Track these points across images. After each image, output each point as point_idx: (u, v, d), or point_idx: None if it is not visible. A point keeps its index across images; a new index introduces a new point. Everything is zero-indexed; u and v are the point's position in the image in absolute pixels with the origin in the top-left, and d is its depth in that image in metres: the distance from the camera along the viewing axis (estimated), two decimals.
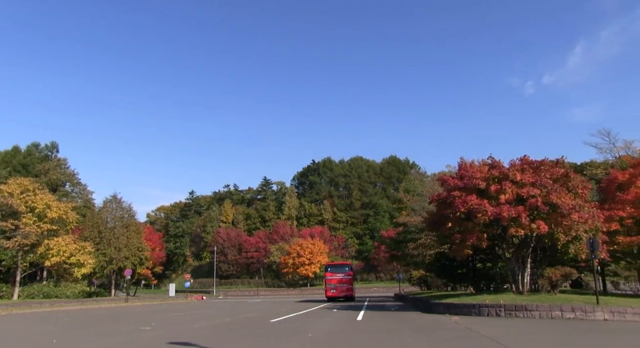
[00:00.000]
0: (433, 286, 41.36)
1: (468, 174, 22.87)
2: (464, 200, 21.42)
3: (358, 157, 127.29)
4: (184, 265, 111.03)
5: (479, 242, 21.62)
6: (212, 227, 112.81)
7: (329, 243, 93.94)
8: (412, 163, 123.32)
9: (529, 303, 18.48)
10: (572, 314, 17.41)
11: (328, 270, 42.54)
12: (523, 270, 23.01)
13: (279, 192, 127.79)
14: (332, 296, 40.18)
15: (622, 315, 17.08)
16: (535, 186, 21.01)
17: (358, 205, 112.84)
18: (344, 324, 17.86)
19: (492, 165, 23.52)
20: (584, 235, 20.81)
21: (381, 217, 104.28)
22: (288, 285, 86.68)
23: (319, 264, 78.81)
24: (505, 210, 20.44)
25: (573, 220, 20.24)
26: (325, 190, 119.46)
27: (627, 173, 25.89)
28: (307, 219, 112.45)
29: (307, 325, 17.46)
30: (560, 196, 20.57)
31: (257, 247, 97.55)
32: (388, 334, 14.27)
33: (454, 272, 32.04)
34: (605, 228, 22.48)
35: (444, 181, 24.74)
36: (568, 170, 22.72)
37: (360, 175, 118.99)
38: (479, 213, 20.90)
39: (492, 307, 19.06)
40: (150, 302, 47.92)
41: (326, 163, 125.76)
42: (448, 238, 25.24)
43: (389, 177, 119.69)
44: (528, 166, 22.44)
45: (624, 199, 24.43)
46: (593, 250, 18.85)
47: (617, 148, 43.23)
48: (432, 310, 22.57)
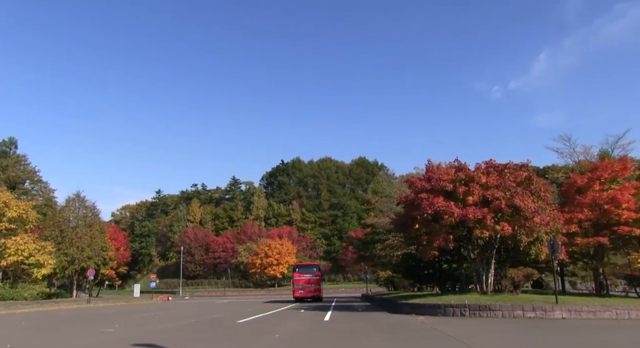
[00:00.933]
0: (400, 286, 41.81)
1: (435, 176, 23.26)
2: (431, 202, 21.77)
3: (327, 158, 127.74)
4: (150, 266, 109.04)
5: (446, 243, 22.00)
6: (179, 226, 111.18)
7: (297, 243, 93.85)
8: (380, 165, 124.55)
9: (492, 303, 18.95)
10: (533, 313, 17.97)
11: (296, 271, 42.52)
12: (487, 271, 23.55)
13: (248, 192, 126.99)
14: (299, 296, 40.17)
15: (579, 313, 17.86)
16: (500, 189, 21.54)
17: (327, 205, 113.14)
18: (311, 325, 17.88)
19: (458, 167, 23.99)
20: (545, 236, 21.45)
21: (349, 218, 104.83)
22: (255, 286, 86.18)
23: (287, 265, 78.62)
24: (471, 212, 20.87)
25: (535, 222, 20.83)
26: (294, 190, 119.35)
27: (586, 177, 26.76)
28: (276, 219, 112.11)
29: (275, 325, 17.41)
30: (524, 199, 21.15)
31: (224, 247, 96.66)
32: (355, 334, 14.37)
33: (421, 272, 32.46)
34: (565, 230, 23.24)
35: (412, 183, 25.06)
36: (531, 174, 23.41)
37: (329, 176, 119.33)
38: (445, 215, 21.28)
39: (457, 307, 19.43)
40: (114, 303, 46.85)
41: (295, 163, 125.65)
42: (415, 240, 25.59)
43: (357, 178, 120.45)
44: (493, 169, 23.00)
45: (582, 202, 25.26)
46: (553, 251, 19.48)
47: (576, 153, 44.65)
48: (399, 310, 22.82)
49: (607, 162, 28.83)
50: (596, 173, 26.42)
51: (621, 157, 32.65)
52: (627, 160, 28.86)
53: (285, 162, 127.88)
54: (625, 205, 23.80)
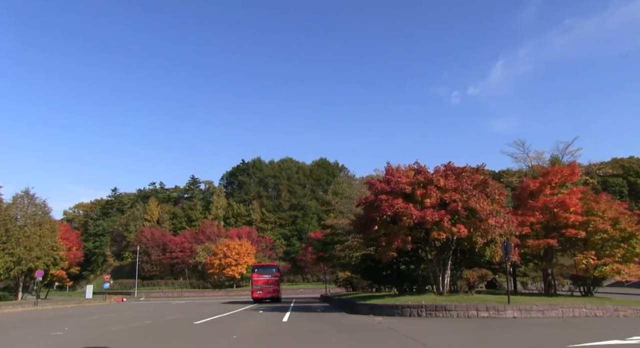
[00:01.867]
0: (358, 287, 42.15)
1: (395, 178, 23.60)
2: (391, 203, 22.08)
3: (288, 159, 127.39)
4: (104, 266, 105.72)
5: (404, 245, 22.35)
6: (135, 225, 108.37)
7: (257, 244, 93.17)
8: (341, 166, 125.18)
9: (448, 303, 19.40)
10: (487, 313, 18.54)
11: (255, 271, 42.25)
12: (444, 272, 24.08)
13: (207, 191, 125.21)
14: (258, 297, 39.94)
15: (528, 312, 18.63)
16: (457, 191, 22.07)
17: (287, 206, 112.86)
18: (269, 325, 17.83)
19: (417, 170, 24.43)
20: (499, 238, 22.12)
21: (309, 219, 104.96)
22: (214, 286, 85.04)
23: (246, 265, 77.92)
24: (429, 214, 21.29)
25: (490, 225, 21.47)
26: (254, 190, 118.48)
27: (538, 181, 27.72)
28: (235, 219, 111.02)
29: (232, 326, 17.26)
30: (479, 201, 21.76)
31: (182, 247, 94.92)
32: (313, 335, 14.43)
33: (379, 273, 32.82)
34: (517, 232, 24.02)
35: (372, 185, 25.34)
36: (487, 177, 24.13)
37: (289, 177, 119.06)
38: (404, 217, 21.62)
39: (414, 307, 19.79)
40: (64, 305, 45.18)
41: (256, 163, 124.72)
42: (374, 241, 25.86)
43: (318, 179, 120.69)
44: (451, 172, 23.53)
45: (534, 206, 26.16)
46: (507, 253, 20.13)
47: (530, 158, 46.40)
48: (357, 311, 23.01)
49: (558, 167, 29.97)
50: (547, 178, 27.41)
51: (570, 163, 34.06)
52: (575, 166, 30.15)
53: (246, 161, 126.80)
54: (573, 208, 24.80)
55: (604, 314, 19.44)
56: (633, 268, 25.10)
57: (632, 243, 24.27)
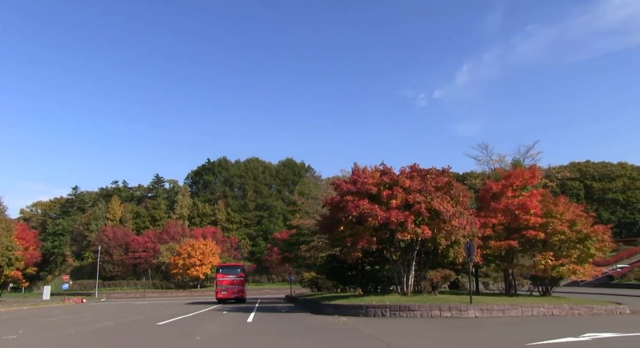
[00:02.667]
0: (323, 288, 42.22)
1: (361, 179, 23.72)
2: (356, 204, 22.18)
3: (254, 158, 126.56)
4: (63, 266, 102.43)
5: (369, 246, 22.47)
6: (97, 225, 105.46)
7: (222, 244, 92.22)
8: (307, 166, 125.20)
9: (412, 303, 19.65)
10: (449, 313, 18.86)
11: (219, 272, 41.88)
12: (408, 272, 24.35)
13: (172, 190, 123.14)
14: (222, 298, 39.59)
15: (489, 312, 19.11)
16: (422, 193, 22.35)
17: (252, 206, 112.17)
18: (234, 326, 17.66)
19: (383, 171, 24.63)
20: (462, 240, 22.53)
21: (275, 219, 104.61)
22: (177, 287, 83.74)
23: (211, 265, 77.06)
24: (394, 215, 21.49)
25: (453, 226, 21.84)
26: (220, 190, 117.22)
27: (500, 184, 28.41)
28: (200, 219, 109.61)
29: (196, 327, 16.99)
30: (443, 203, 22.10)
31: (145, 247, 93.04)
32: (278, 335, 14.37)
33: (344, 274, 32.92)
34: (480, 234, 24.51)
35: (338, 185, 25.42)
36: (451, 179, 24.55)
37: (255, 177, 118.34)
38: (370, 218, 21.75)
39: (378, 307, 19.93)
40: (19, 307, 43.47)
41: (222, 163, 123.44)
42: (340, 241, 25.93)
43: (284, 179, 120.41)
44: (417, 174, 23.81)
45: (496, 208, 26.79)
46: (469, 254, 20.54)
47: (493, 161, 47.49)
48: (322, 311, 23.00)
49: (519, 170, 30.79)
50: (509, 180, 28.12)
51: (531, 166, 35.08)
52: (536, 169, 31.06)
53: (212, 161, 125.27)
54: (533, 210, 25.53)
55: (560, 313, 20.07)
56: (588, 268, 26.07)
57: (587, 244, 25.16)
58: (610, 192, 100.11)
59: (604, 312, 21.02)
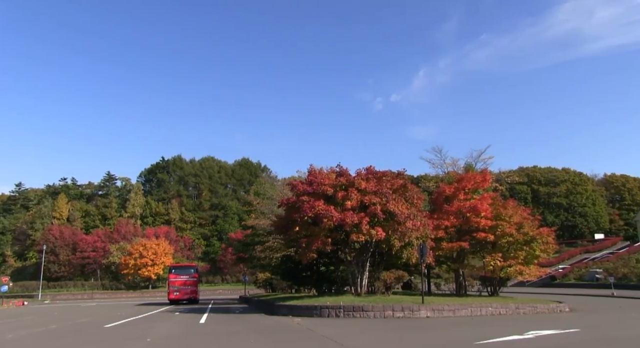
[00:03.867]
0: (278, 288, 42.09)
1: (317, 180, 23.80)
2: (312, 205, 22.23)
3: (210, 157, 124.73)
4: (3, 267, 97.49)
5: (324, 246, 22.57)
6: (42, 223, 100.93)
7: (175, 243, 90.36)
8: (264, 167, 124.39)
9: (365, 304, 19.85)
10: (402, 313, 19.19)
11: (172, 272, 41.07)
12: (362, 273, 24.61)
13: (124, 188, 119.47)
14: (175, 298, 38.86)
15: (440, 312, 19.57)
16: (377, 195, 22.62)
17: (207, 206, 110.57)
18: (186, 327, 17.35)
19: (339, 173, 24.80)
20: (415, 241, 22.96)
21: (230, 219, 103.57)
22: (128, 288, 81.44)
23: (163, 265, 75.37)
24: (349, 216, 21.68)
25: (407, 228, 22.22)
26: (174, 189, 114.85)
27: (453, 187, 29.12)
28: (153, 218, 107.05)
29: (146, 329, 16.58)
30: (398, 205, 22.46)
31: (94, 247, 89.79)
32: (231, 337, 14.22)
33: (299, 274, 32.93)
34: (433, 236, 25.07)
35: (294, 186, 25.42)
36: (406, 182, 25.00)
37: (211, 176, 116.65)
38: (325, 219, 21.84)
39: (332, 308, 20.04)
40: None
41: (176, 161, 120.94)
42: (295, 242, 25.91)
43: (240, 179, 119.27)
44: (372, 176, 24.10)
45: (449, 210, 27.45)
46: (422, 255, 20.96)
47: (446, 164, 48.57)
48: (276, 312, 22.95)
49: (471, 174, 31.67)
50: (461, 184, 28.86)
51: (482, 170, 36.12)
52: (487, 173, 32.03)
53: (166, 159, 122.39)
54: (484, 213, 26.33)
55: (507, 312, 20.81)
56: (533, 269, 27.19)
57: (533, 246, 26.20)
58: (554, 196, 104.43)
59: (547, 311, 22.04)
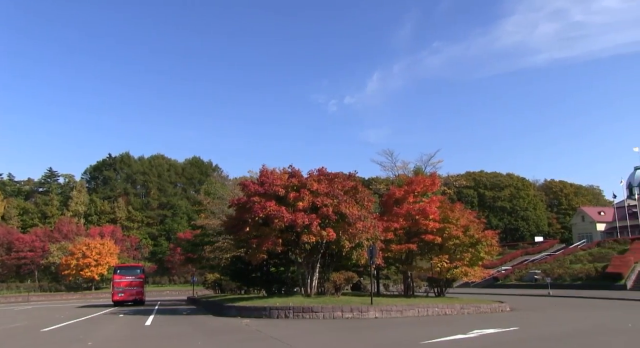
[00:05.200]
0: (227, 289, 41.63)
1: (269, 180, 23.68)
2: (263, 205, 22.11)
3: (159, 155, 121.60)
4: None
5: (274, 247, 22.48)
6: None
7: (121, 243, 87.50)
8: (215, 166, 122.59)
9: (315, 305, 19.93)
10: (351, 314, 19.36)
11: (117, 273, 39.84)
12: (312, 274, 24.67)
13: (67, 185, 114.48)
14: (119, 300, 37.70)
15: (389, 313, 19.91)
16: (329, 196, 22.73)
17: (156, 205, 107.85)
18: (130, 330, 16.86)
19: (292, 174, 24.78)
20: (365, 242, 23.19)
21: (179, 219, 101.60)
22: (69, 289, 78.05)
23: (108, 266, 72.88)
24: (300, 217, 21.68)
25: (358, 229, 22.43)
26: (121, 187, 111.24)
27: (403, 190, 29.65)
28: (98, 217, 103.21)
29: (88, 332, 15.96)
30: (349, 207, 22.65)
31: (32, 246, 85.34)
32: (178, 338, 13.92)
33: (249, 275, 32.69)
34: (383, 237, 25.42)
35: (245, 186, 25.21)
36: (358, 184, 25.26)
37: (160, 174, 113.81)
38: (276, 219, 21.76)
39: (281, 309, 20.00)
40: None
41: (124, 158, 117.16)
42: (245, 243, 25.68)
43: (190, 178, 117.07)
44: (324, 177, 24.20)
45: (398, 213, 27.92)
46: (372, 257, 21.21)
47: (397, 167, 49.71)
48: (225, 313, 22.71)
49: (420, 177, 32.38)
50: (411, 187, 29.42)
51: (431, 174, 37.13)
52: (436, 177, 32.88)
53: (113, 156, 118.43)
54: (432, 216, 26.96)
55: (452, 312, 21.40)
56: (478, 270, 28.09)
57: (478, 248, 27.05)
58: (499, 200, 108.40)
59: (489, 311, 22.86)
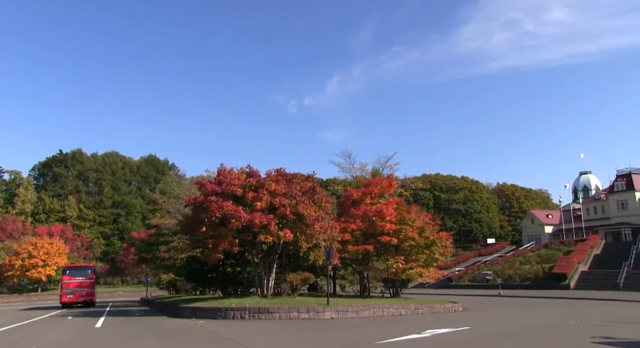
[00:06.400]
0: (182, 290, 40.94)
1: (226, 180, 23.47)
2: (220, 205, 21.88)
3: (114, 152, 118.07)
4: None
5: (231, 247, 22.31)
6: None
7: (71, 243, 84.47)
8: (171, 164, 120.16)
9: (271, 306, 19.88)
10: (307, 314, 19.42)
11: (66, 273, 38.42)
12: (269, 274, 24.59)
13: (12, 182, 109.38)
14: (68, 301, 36.35)
15: (345, 313, 20.08)
16: (287, 197, 22.73)
17: (109, 203, 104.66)
18: (79, 332, 16.32)
19: (250, 173, 24.65)
20: (323, 243, 23.32)
21: (134, 218, 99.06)
22: (12, 291, 74.52)
23: (56, 266, 70.16)
24: (258, 217, 21.58)
25: (315, 230, 22.52)
26: (72, 184, 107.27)
27: (360, 191, 29.96)
28: (47, 215, 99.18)
29: (33, 336, 15.34)
30: (307, 207, 22.71)
31: None
32: (129, 341, 13.61)
33: (205, 276, 32.25)
34: (340, 238, 25.61)
35: (202, 185, 24.90)
36: (316, 185, 25.36)
37: (114, 172, 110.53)
38: (233, 219, 21.58)
39: (237, 310, 19.84)
40: None
41: (76, 155, 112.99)
42: (201, 243, 25.36)
43: (146, 176, 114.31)
44: (282, 178, 24.18)
45: (356, 214, 28.20)
46: (329, 257, 21.35)
47: (355, 169, 50.11)
48: (179, 314, 22.36)
49: (378, 179, 32.80)
50: (369, 188, 29.77)
51: (388, 176, 37.61)
52: (393, 179, 33.38)
53: (64, 152, 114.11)
54: (389, 217, 27.34)
55: (407, 312, 21.80)
56: (432, 271, 28.71)
57: (433, 249, 27.66)
58: (454, 203, 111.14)
59: (443, 311, 23.41)
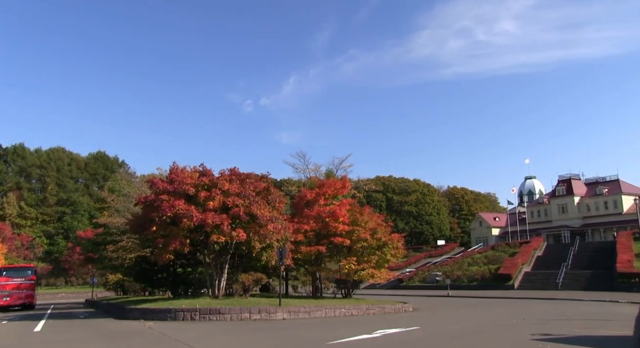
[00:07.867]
0: (130, 291, 39.87)
1: (179, 178, 23.06)
2: (172, 204, 21.46)
3: (59, 148, 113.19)
4: None
5: (182, 247, 21.92)
6: None
7: (10, 242, 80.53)
8: (121, 162, 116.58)
9: (222, 306, 19.66)
10: (259, 315, 19.35)
11: (3, 274, 36.34)
12: (220, 275, 24.31)
13: None
14: (4, 305, 34.46)
15: (297, 314, 20.15)
16: (240, 196, 22.54)
17: (54, 201, 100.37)
18: (16, 337, 15.55)
19: (202, 172, 24.31)
20: (276, 244, 23.26)
21: (80, 216, 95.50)
22: None
23: None
24: (210, 217, 21.29)
25: (268, 230, 22.43)
26: (13, 180, 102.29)
27: (314, 192, 30.08)
28: None
29: None
30: (261, 208, 22.61)
31: None
32: (71, 344, 13.12)
33: (154, 276, 31.53)
34: (293, 239, 25.62)
35: (153, 183, 24.31)
36: (270, 185, 25.27)
37: (59, 168, 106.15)
38: (185, 219, 21.20)
39: (188, 311, 19.51)
40: None
41: (18, 150, 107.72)
42: (151, 242, 24.81)
43: (94, 173, 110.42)
44: (236, 177, 23.96)
45: (309, 215, 28.30)
46: (281, 258, 21.35)
47: (309, 169, 50.23)
48: (127, 316, 21.73)
49: (332, 180, 33.04)
50: (322, 189, 29.95)
51: (342, 177, 37.93)
52: (347, 180, 33.69)
53: (5, 147, 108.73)
54: (342, 219, 27.59)
55: (358, 313, 22.06)
56: (384, 272, 29.14)
57: (385, 251, 28.10)
58: (406, 205, 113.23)
59: (393, 311, 23.84)
